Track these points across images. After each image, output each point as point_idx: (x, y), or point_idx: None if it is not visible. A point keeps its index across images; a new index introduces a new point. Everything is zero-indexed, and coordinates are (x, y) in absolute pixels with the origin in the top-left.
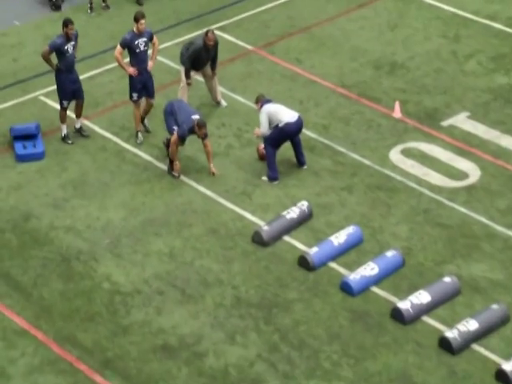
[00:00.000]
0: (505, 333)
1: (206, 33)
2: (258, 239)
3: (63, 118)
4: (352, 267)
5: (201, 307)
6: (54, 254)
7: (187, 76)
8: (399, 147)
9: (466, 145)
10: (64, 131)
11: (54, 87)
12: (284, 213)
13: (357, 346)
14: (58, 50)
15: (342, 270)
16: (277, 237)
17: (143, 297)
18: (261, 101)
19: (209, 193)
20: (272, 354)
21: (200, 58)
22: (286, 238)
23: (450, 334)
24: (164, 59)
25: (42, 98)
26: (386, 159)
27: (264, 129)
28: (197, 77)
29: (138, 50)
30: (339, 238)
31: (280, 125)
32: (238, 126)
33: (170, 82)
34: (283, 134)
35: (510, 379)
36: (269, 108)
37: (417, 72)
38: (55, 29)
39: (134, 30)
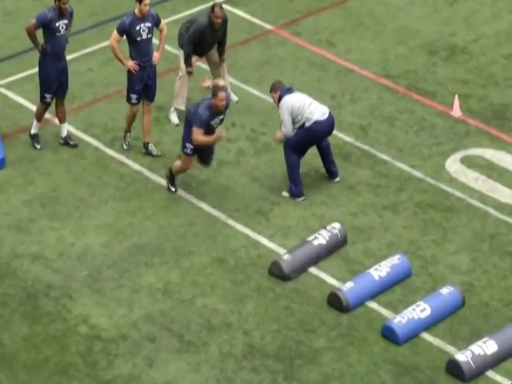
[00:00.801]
0: None
1: (213, 8)
2: (276, 271)
3: (40, 114)
4: (397, 308)
5: (203, 357)
6: (16, 290)
7: (188, 63)
8: (459, 155)
9: None
10: (35, 129)
11: (17, 76)
12: (310, 238)
13: None
14: (47, 27)
15: (384, 312)
16: (301, 269)
17: (130, 344)
18: (279, 90)
19: (214, 212)
20: None
21: (204, 40)
22: (313, 271)
23: None
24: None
25: (2, 90)
26: (441, 170)
27: (287, 129)
28: (200, 64)
29: (139, 38)
30: (381, 271)
31: (307, 124)
32: (253, 126)
33: (165, 71)
34: (311, 137)
35: None
36: (291, 101)
37: (482, 58)
38: (19, 3)
39: (136, 12)
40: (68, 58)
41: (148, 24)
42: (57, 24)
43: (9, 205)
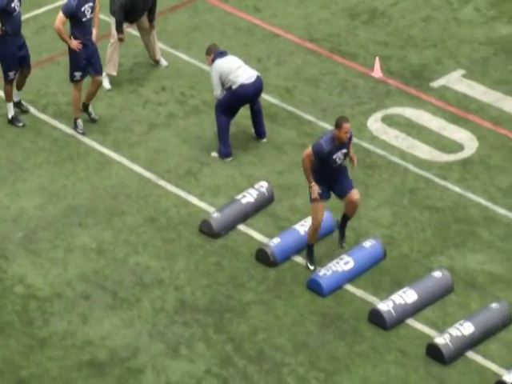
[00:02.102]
0: (506, 337)
1: None
2: (206, 229)
3: (9, 94)
4: (322, 261)
5: (136, 313)
6: None
7: (119, 30)
8: (380, 114)
9: (460, 110)
10: (11, 112)
11: None
12: (239, 196)
13: (328, 356)
14: (3, 9)
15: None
16: (230, 226)
17: (65, 302)
18: (212, 53)
19: (145, 173)
20: (224, 368)
21: (135, 7)
22: (242, 228)
23: (441, 339)
24: None
25: None
26: (363, 129)
27: (216, 91)
28: (131, 30)
29: (84, 19)
30: (306, 226)
31: (233, 87)
32: (182, 90)
33: (97, 38)
34: (237, 99)
35: None
36: (221, 65)
37: (401, 21)
38: None
39: None
40: None
41: (91, 4)
42: (12, 4)
43: None
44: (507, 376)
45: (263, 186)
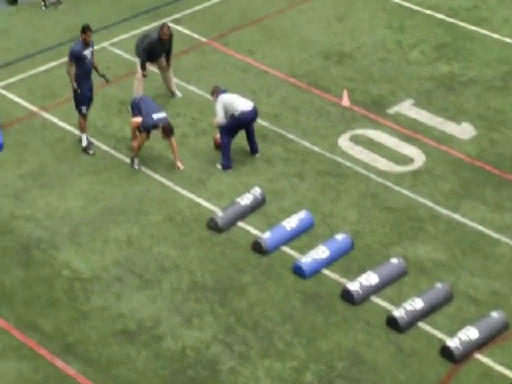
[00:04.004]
0: (448, 311)
1: (162, 27)
2: (213, 225)
3: (83, 126)
4: (304, 251)
5: (158, 292)
6: (14, 243)
7: (143, 68)
8: (348, 134)
9: (411, 131)
10: (85, 141)
11: (12, 80)
12: (238, 199)
13: (309, 326)
14: (77, 57)
15: (294, 254)
16: (231, 223)
17: (102, 283)
18: (217, 91)
19: (165, 181)
20: (227, 335)
21: (155, 50)
22: (241, 224)
23: (398, 313)
24: (120, 51)
25: (1, 90)
26: (335, 146)
27: (220, 118)
28: (152, 68)
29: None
30: (291, 223)
31: (235, 114)
32: (193, 115)
33: (125, 74)
34: (238, 123)
35: (454, 355)
36: (224, 98)
37: (364, 61)
38: (11, 22)
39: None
40: (50, 65)
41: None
42: (84, 52)
43: (7, 178)
44: (450, 341)
45: (257, 191)
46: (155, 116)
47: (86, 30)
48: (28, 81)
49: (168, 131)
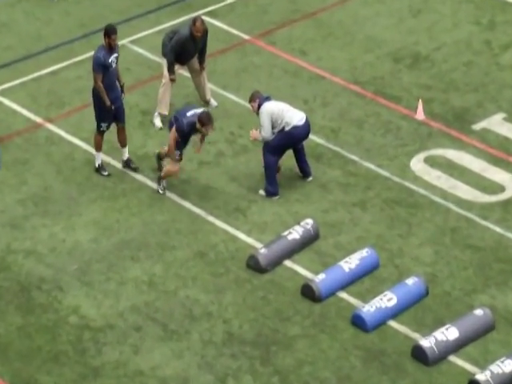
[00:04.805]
0: None
1: (194, 21)
2: (253, 264)
3: (99, 144)
4: (366, 297)
5: (186, 345)
6: (11, 283)
7: (170, 71)
8: (422, 155)
9: (501, 152)
10: (98, 160)
11: (11, 84)
12: (285, 233)
13: None
14: (103, 65)
15: (353, 301)
16: (276, 261)
17: (117, 333)
18: (258, 98)
19: (195, 209)
20: None
21: (186, 49)
22: (288, 263)
23: (482, 376)
24: (143, 50)
25: None
26: (406, 169)
27: (266, 133)
28: (182, 71)
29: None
30: (350, 263)
31: (287, 128)
32: (231, 129)
33: (149, 78)
34: (290, 140)
35: None
36: (272, 107)
37: (444, 66)
38: (12, 15)
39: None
40: (57, 66)
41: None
42: (109, 60)
43: (4, 203)
44: None
45: (309, 223)
46: (189, 113)
47: (110, 32)
48: (31, 85)
49: (207, 120)
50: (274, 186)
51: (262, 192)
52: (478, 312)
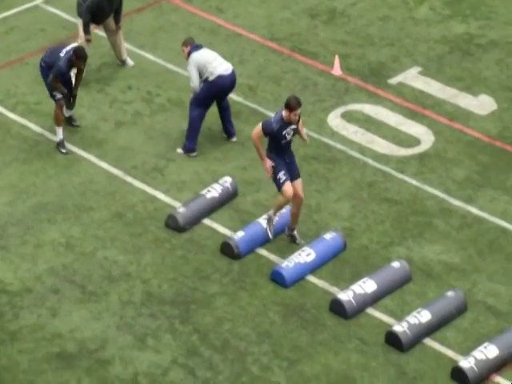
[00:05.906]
0: (462, 325)
1: None
2: (172, 224)
3: (58, 118)
4: (284, 253)
5: (104, 306)
6: None
7: (86, 31)
8: (339, 110)
9: (417, 106)
10: (60, 135)
11: None
12: (203, 191)
13: (290, 345)
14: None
15: (272, 258)
16: (195, 220)
17: (35, 296)
18: (189, 45)
19: (113, 170)
20: (190, 358)
21: (101, 9)
22: (206, 222)
23: (399, 327)
24: (58, 11)
25: None
26: (323, 125)
27: (194, 83)
28: (97, 31)
29: (284, 141)
30: None
31: (211, 78)
32: (148, 89)
33: (64, 38)
34: (215, 90)
35: (467, 378)
36: (197, 57)
37: (359, 21)
38: None
39: (284, 116)
40: None
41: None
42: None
43: None
44: (463, 362)
45: (227, 181)
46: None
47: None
48: None
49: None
50: (193, 142)
51: (179, 150)
52: (395, 264)
